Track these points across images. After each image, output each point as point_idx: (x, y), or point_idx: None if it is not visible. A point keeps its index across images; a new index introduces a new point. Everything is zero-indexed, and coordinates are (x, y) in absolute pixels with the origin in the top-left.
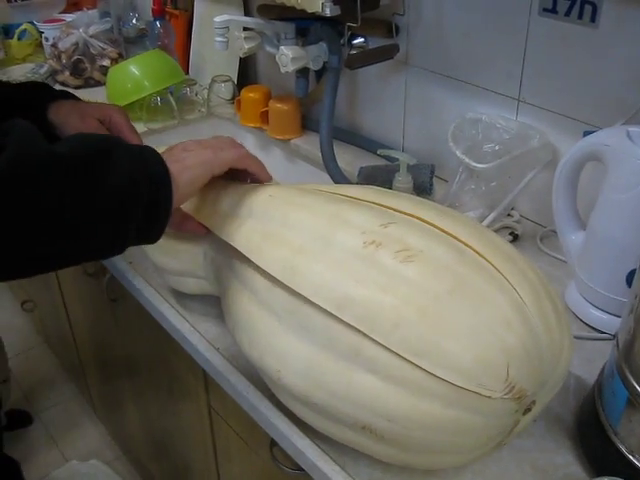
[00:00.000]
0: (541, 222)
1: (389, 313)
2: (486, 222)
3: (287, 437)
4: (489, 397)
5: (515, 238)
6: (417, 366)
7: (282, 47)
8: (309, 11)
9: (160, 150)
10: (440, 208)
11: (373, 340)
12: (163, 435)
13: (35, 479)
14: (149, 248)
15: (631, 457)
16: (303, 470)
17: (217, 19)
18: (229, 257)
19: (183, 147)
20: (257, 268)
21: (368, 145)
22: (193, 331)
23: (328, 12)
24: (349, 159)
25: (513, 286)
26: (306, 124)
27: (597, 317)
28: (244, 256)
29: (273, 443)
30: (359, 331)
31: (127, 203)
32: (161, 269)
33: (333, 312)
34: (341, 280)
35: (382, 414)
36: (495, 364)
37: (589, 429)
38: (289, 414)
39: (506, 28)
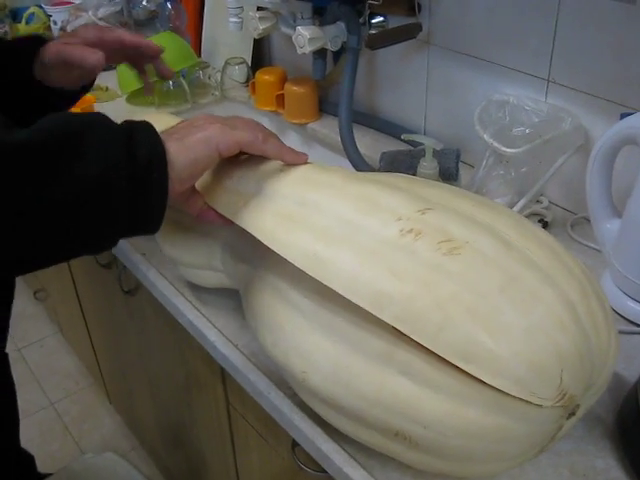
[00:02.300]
0: (571, 209)
1: (434, 313)
2: (516, 209)
3: (311, 440)
4: (540, 406)
5: (545, 225)
6: (458, 370)
7: (299, 27)
8: None
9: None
10: (476, 197)
11: (408, 342)
12: (179, 427)
13: (50, 471)
14: (159, 240)
15: None
16: (327, 472)
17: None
18: (250, 249)
19: (190, 122)
20: (281, 261)
21: (388, 129)
22: (210, 327)
23: None
24: (368, 143)
25: (562, 283)
26: (323, 107)
27: (634, 310)
28: (266, 248)
29: (295, 444)
30: (394, 330)
31: (101, 193)
32: (174, 261)
33: (369, 310)
34: (376, 273)
35: (417, 420)
36: (549, 370)
37: (632, 430)
38: (313, 415)
39: (535, 2)
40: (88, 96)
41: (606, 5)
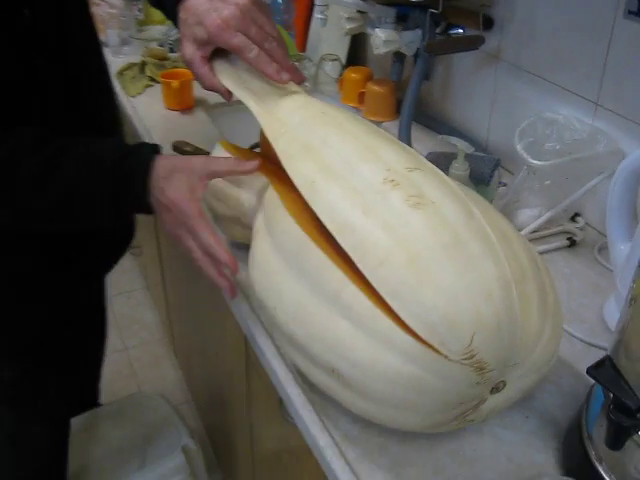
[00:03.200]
0: (605, 232)
1: (381, 250)
2: (540, 221)
3: (283, 386)
4: (446, 357)
5: (572, 244)
6: (386, 315)
7: (377, 29)
8: None
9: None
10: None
11: (354, 286)
12: (220, 387)
13: (104, 402)
14: (206, 193)
15: (597, 464)
16: None
17: None
18: (264, 203)
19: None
20: (279, 212)
21: (452, 134)
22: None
23: None
24: (430, 146)
25: (504, 262)
26: (400, 108)
27: None
28: (274, 200)
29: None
30: (344, 276)
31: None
32: (214, 216)
33: (335, 234)
34: (351, 207)
35: (348, 358)
36: (462, 327)
37: (572, 431)
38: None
39: (590, 29)
40: (187, 71)
41: None
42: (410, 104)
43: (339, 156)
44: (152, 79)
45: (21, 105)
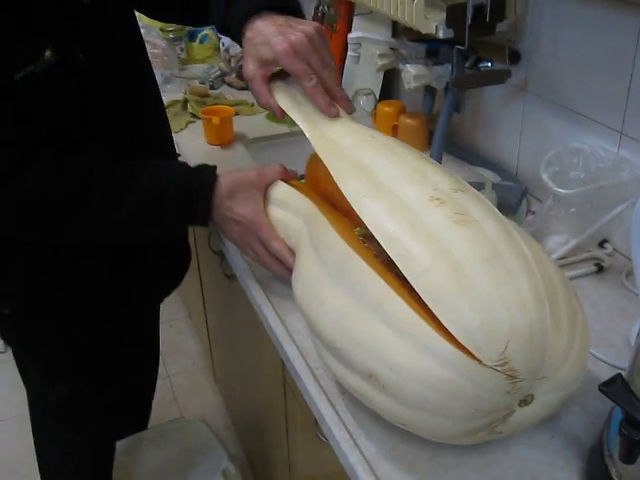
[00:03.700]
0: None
1: (425, 259)
2: (566, 248)
3: (317, 407)
4: (480, 361)
5: (600, 269)
6: (426, 321)
7: (407, 65)
8: (423, 32)
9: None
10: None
11: (395, 294)
12: (260, 412)
13: (149, 426)
14: None
15: None
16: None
17: (351, 35)
18: (309, 221)
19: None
20: (324, 228)
21: (483, 165)
22: (267, 302)
23: (441, 35)
24: (462, 176)
25: (538, 279)
26: (432, 140)
27: None
28: (319, 218)
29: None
30: (386, 284)
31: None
32: None
33: (382, 244)
34: (399, 220)
35: (386, 362)
36: (497, 335)
37: (594, 450)
38: (326, 386)
39: (613, 61)
40: (228, 108)
41: None
42: (441, 135)
43: (388, 175)
44: (194, 115)
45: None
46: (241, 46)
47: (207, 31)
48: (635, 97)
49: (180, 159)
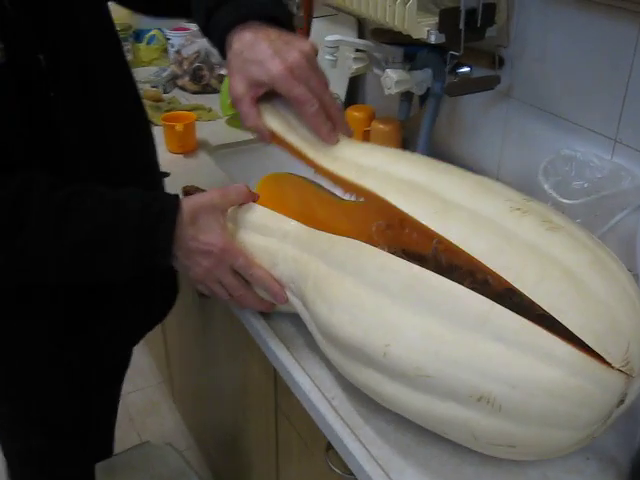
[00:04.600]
0: (629, 266)
1: (536, 267)
2: None
3: (340, 439)
4: (610, 364)
5: None
6: (550, 329)
7: (387, 70)
8: (414, 37)
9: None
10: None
11: (502, 307)
12: (232, 432)
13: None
14: None
15: None
16: (354, 475)
17: (328, 38)
18: (319, 251)
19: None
20: (363, 255)
21: None
22: (267, 328)
23: (433, 39)
24: None
25: (631, 276)
26: (405, 147)
27: None
28: (342, 245)
29: (329, 446)
30: (487, 299)
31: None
32: None
33: (479, 258)
34: (488, 233)
35: (506, 380)
36: (621, 336)
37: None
38: (347, 417)
39: (609, 68)
40: (190, 114)
41: None
42: (425, 143)
43: (451, 191)
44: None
45: (33, 151)
46: (223, 55)
47: (155, 32)
48: (631, 104)
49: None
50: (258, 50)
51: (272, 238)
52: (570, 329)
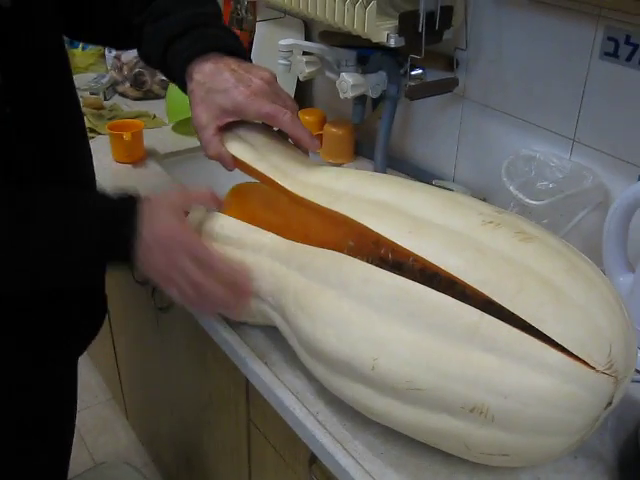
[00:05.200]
0: (593, 261)
1: (513, 279)
2: None
3: (331, 455)
4: (594, 368)
5: None
6: (536, 337)
7: (343, 74)
8: (374, 41)
9: None
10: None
11: (492, 317)
12: (195, 446)
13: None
14: None
15: None
16: None
17: (282, 42)
18: (298, 264)
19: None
20: (344, 267)
21: (419, 174)
22: (243, 344)
23: (393, 43)
24: None
25: (606, 279)
26: (359, 150)
27: None
28: (323, 258)
29: (312, 460)
30: (477, 310)
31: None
32: None
33: (455, 274)
34: (463, 248)
35: (499, 391)
36: (602, 338)
37: (631, 468)
38: (334, 431)
39: (566, 69)
40: (137, 122)
41: (631, 75)
42: (383, 147)
43: (421, 208)
44: (92, 130)
45: None
46: (181, 85)
47: None
48: (588, 103)
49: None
50: (221, 79)
51: (247, 251)
52: (552, 337)
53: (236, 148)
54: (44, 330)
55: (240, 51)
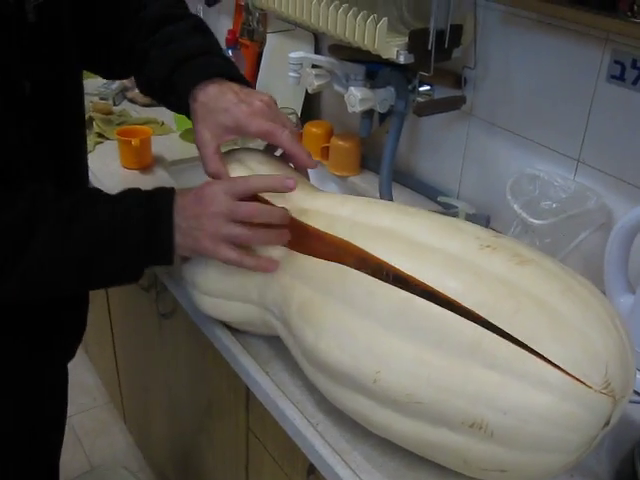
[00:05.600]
0: (594, 283)
1: (509, 301)
2: None
3: (330, 466)
4: (591, 388)
5: None
6: (536, 355)
7: (352, 88)
8: (384, 57)
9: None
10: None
11: (494, 334)
12: (192, 452)
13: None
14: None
15: None
16: None
17: (293, 55)
18: (303, 276)
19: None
20: (349, 280)
21: (424, 190)
22: (245, 353)
23: (402, 60)
24: (405, 201)
25: (604, 299)
26: (365, 163)
27: None
28: (328, 270)
29: (310, 470)
30: (479, 326)
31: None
32: (199, 287)
33: (453, 297)
34: (461, 272)
35: (499, 407)
36: (598, 358)
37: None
38: (333, 443)
39: (573, 90)
40: (146, 128)
41: (637, 99)
42: (389, 161)
43: (421, 234)
44: (100, 135)
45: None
46: (186, 112)
47: None
48: (594, 125)
49: (97, 186)
50: (224, 100)
51: None
52: (548, 358)
53: (234, 170)
54: (29, 329)
55: (242, 79)
